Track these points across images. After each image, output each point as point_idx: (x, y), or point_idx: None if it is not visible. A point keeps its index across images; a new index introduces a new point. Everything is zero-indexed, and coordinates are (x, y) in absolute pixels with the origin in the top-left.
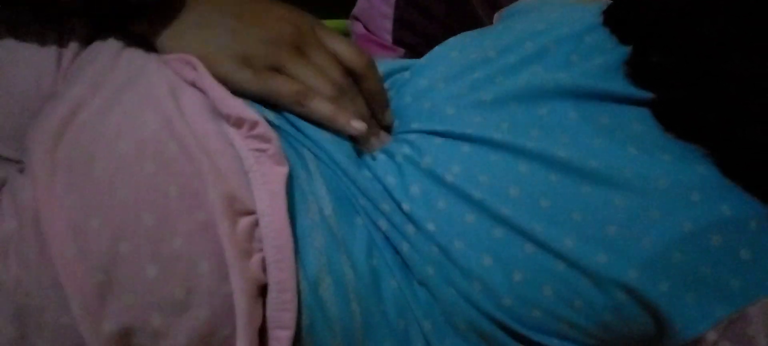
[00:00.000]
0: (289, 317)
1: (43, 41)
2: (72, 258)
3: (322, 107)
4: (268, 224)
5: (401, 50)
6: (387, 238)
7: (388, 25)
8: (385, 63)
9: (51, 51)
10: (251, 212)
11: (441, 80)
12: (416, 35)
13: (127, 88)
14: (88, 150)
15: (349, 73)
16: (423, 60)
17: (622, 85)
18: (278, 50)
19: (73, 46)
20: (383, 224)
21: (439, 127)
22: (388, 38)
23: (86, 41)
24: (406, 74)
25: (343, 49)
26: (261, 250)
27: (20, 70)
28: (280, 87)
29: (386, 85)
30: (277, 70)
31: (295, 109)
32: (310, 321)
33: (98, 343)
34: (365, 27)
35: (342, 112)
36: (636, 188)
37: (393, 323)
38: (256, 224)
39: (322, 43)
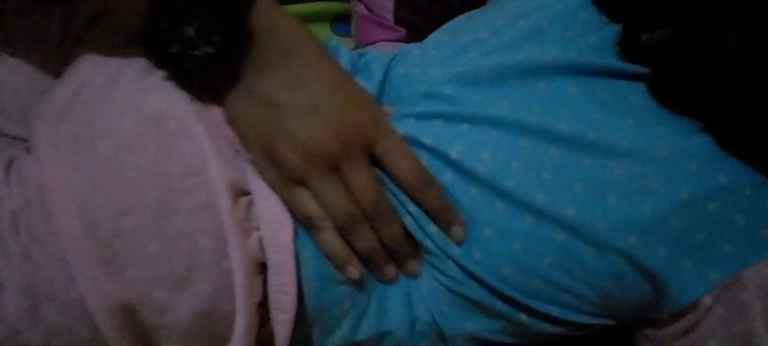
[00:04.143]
0: (287, 301)
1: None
2: (77, 234)
3: (328, 242)
4: (265, 209)
5: (403, 30)
6: None
7: (390, 4)
8: (378, 56)
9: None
10: (249, 193)
11: (435, 65)
12: (418, 14)
13: (129, 65)
14: (91, 128)
15: (405, 190)
16: (415, 47)
17: (617, 61)
18: (309, 167)
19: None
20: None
21: (438, 108)
22: (390, 18)
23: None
24: (400, 63)
25: (401, 165)
26: (259, 228)
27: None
28: (296, 205)
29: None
30: (303, 183)
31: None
32: (317, 299)
33: (104, 316)
34: (366, 6)
35: (344, 254)
36: (634, 157)
37: (399, 285)
38: (253, 202)
39: (380, 155)
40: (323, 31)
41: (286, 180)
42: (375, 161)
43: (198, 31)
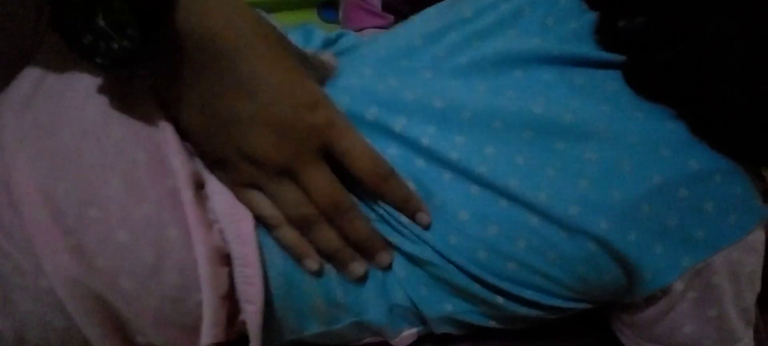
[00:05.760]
0: (254, 292)
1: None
2: (44, 222)
3: (283, 237)
4: (220, 203)
5: (391, 17)
6: (362, 199)
7: None
8: (356, 37)
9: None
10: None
11: (418, 39)
12: (406, 1)
13: None
14: (55, 116)
15: (366, 188)
16: (399, 25)
17: (595, 48)
18: (260, 175)
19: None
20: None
21: (413, 91)
22: (378, 4)
23: None
24: (381, 38)
25: (358, 165)
26: (218, 221)
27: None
28: (250, 206)
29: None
30: (255, 187)
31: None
32: (286, 288)
33: (75, 304)
34: None
35: (301, 247)
36: (608, 142)
37: (372, 272)
38: (208, 196)
39: (336, 155)
40: (311, 18)
41: (237, 185)
42: (333, 159)
43: (110, 23)
